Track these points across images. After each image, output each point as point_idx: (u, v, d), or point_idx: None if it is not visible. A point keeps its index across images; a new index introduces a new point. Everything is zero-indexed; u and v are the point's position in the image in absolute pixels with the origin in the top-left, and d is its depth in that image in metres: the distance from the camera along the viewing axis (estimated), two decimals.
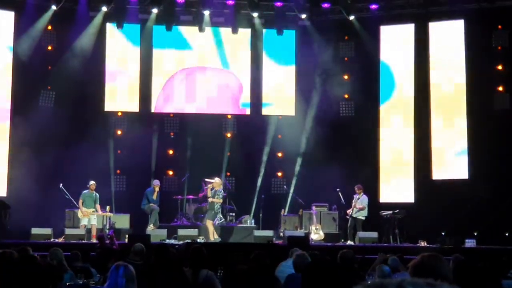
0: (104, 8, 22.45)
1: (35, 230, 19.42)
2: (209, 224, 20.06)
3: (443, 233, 20.18)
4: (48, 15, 22.28)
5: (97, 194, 20.31)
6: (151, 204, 21.01)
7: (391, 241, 20.15)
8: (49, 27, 22.62)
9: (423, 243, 19.55)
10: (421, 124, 22.62)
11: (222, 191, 20.26)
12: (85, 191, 20.20)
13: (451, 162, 22.30)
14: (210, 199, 20.18)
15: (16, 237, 18.81)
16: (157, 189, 21.27)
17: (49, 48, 22.89)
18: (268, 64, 23.98)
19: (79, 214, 20.09)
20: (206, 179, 21.12)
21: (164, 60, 23.82)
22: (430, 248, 18.44)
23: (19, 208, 20.27)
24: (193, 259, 8.64)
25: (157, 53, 23.74)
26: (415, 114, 22.78)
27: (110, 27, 23.28)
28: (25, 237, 19.12)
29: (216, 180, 20.38)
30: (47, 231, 19.39)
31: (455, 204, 21.05)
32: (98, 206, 20.15)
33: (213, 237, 19.81)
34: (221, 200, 20.13)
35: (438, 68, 22.63)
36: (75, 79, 22.34)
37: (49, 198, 20.65)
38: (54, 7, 22.06)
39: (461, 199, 21.07)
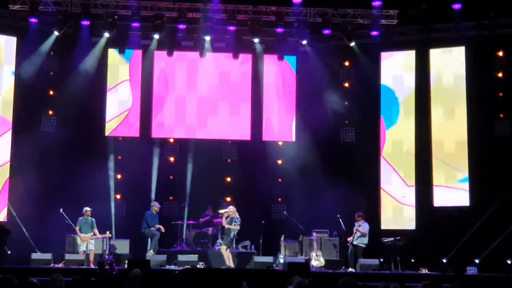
0: (107, 34, 22.54)
1: (35, 255, 19.36)
2: (223, 249, 20.00)
3: (444, 260, 20.11)
4: (50, 41, 22.38)
5: (93, 219, 20.24)
6: (151, 228, 20.94)
7: (392, 268, 20.05)
8: (51, 53, 22.72)
9: (424, 270, 19.45)
10: (422, 151, 22.61)
11: (239, 218, 20.17)
12: (80, 218, 20.16)
13: (452, 189, 22.24)
14: (226, 226, 20.08)
15: (16, 262, 18.76)
16: (157, 210, 21.19)
17: (51, 73, 22.97)
18: (268, 89, 24.10)
19: (78, 241, 20.06)
20: (220, 211, 21.01)
21: (165, 85, 23.92)
22: (431, 275, 18.37)
23: (19, 233, 20.22)
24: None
25: (157, 78, 23.84)
26: (416, 140, 22.79)
27: (112, 53, 23.38)
28: (25, 262, 19.06)
29: (230, 208, 20.33)
30: (47, 256, 19.30)
31: (456, 231, 20.97)
32: (95, 230, 20.10)
33: (229, 262, 19.71)
34: (238, 227, 20.00)
35: (438, 95, 22.66)
36: (76, 104, 22.39)
37: (49, 223, 20.60)
38: (56, 33, 22.16)
39: (462, 226, 21.02)
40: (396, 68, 23.32)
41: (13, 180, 21.71)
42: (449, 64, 22.60)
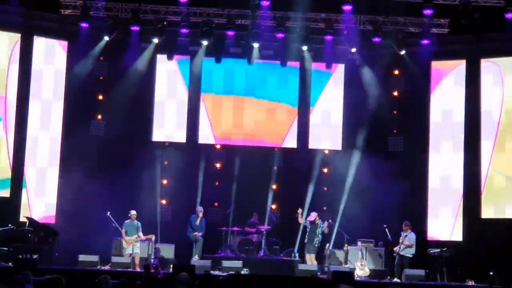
0: (156, 40, 22.70)
1: (82, 257, 19.55)
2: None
3: (491, 273, 19.79)
4: (100, 46, 22.62)
5: (139, 223, 20.41)
6: (195, 233, 21.02)
7: (438, 279, 19.83)
8: (101, 58, 22.94)
9: (470, 283, 19.19)
10: (471, 164, 22.30)
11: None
12: (126, 221, 20.36)
13: (501, 201, 21.92)
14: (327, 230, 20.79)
15: (64, 264, 18.94)
16: (200, 215, 21.29)
17: (101, 78, 23.18)
18: (316, 97, 24.02)
19: (124, 244, 20.21)
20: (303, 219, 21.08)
21: (213, 90, 24.01)
22: (478, 287, 18.15)
23: (67, 235, 20.42)
24: None
25: (205, 84, 23.92)
26: (465, 152, 22.49)
27: (161, 59, 23.52)
28: (72, 263, 19.26)
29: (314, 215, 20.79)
30: (94, 258, 19.51)
31: (504, 243, 20.68)
32: (140, 233, 20.24)
33: None
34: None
35: (489, 106, 22.33)
36: (125, 109, 22.59)
37: (96, 226, 20.82)
38: (106, 38, 22.40)
39: (510, 238, 20.71)
40: (445, 78, 23.07)
41: (62, 183, 21.98)
42: (500, 75, 22.26)
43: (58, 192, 22.02)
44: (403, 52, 22.62)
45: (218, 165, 23.88)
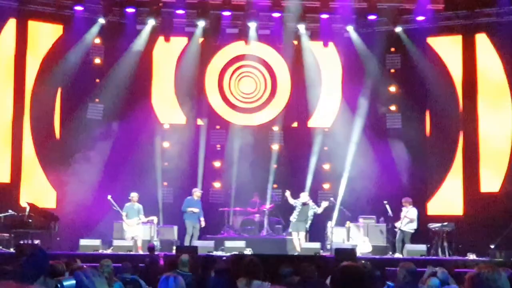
0: (152, 22, 22.64)
1: (83, 242, 19.58)
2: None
3: (492, 246, 19.87)
4: (95, 29, 22.50)
5: (140, 205, 20.39)
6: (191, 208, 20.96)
7: (440, 254, 19.91)
8: (97, 40, 22.84)
9: (472, 256, 19.30)
10: (469, 138, 22.31)
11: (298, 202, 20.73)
12: (127, 204, 20.34)
13: (500, 174, 21.92)
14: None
15: (65, 249, 19.00)
16: (198, 195, 21.20)
17: (97, 61, 23.08)
18: (313, 75, 23.94)
19: (125, 227, 20.23)
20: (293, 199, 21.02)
21: (211, 72, 23.98)
22: (479, 261, 18.19)
23: (68, 219, 20.45)
24: (248, 269, 8.56)
25: (202, 65, 23.86)
26: (464, 127, 22.49)
27: (157, 41, 23.45)
28: (73, 248, 19.31)
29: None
30: (96, 242, 19.53)
31: (504, 217, 20.71)
32: (142, 216, 20.25)
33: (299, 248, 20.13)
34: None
35: (485, 81, 22.29)
36: (122, 91, 22.53)
37: (97, 209, 20.83)
38: (102, 20, 22.31)
39: (510, 211, 20.75)
40: (441, 54, 22.96)
41: (62, 167, 21.91)
42: (496, 49, 22.16)
43: (57, 176, 21.94)
44: (399, 29, 22.56)
45: (218, 146, 23.87)
